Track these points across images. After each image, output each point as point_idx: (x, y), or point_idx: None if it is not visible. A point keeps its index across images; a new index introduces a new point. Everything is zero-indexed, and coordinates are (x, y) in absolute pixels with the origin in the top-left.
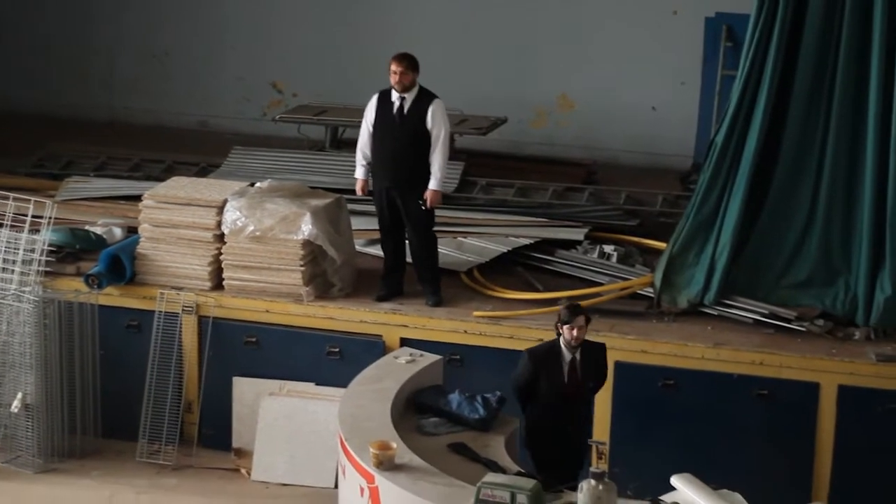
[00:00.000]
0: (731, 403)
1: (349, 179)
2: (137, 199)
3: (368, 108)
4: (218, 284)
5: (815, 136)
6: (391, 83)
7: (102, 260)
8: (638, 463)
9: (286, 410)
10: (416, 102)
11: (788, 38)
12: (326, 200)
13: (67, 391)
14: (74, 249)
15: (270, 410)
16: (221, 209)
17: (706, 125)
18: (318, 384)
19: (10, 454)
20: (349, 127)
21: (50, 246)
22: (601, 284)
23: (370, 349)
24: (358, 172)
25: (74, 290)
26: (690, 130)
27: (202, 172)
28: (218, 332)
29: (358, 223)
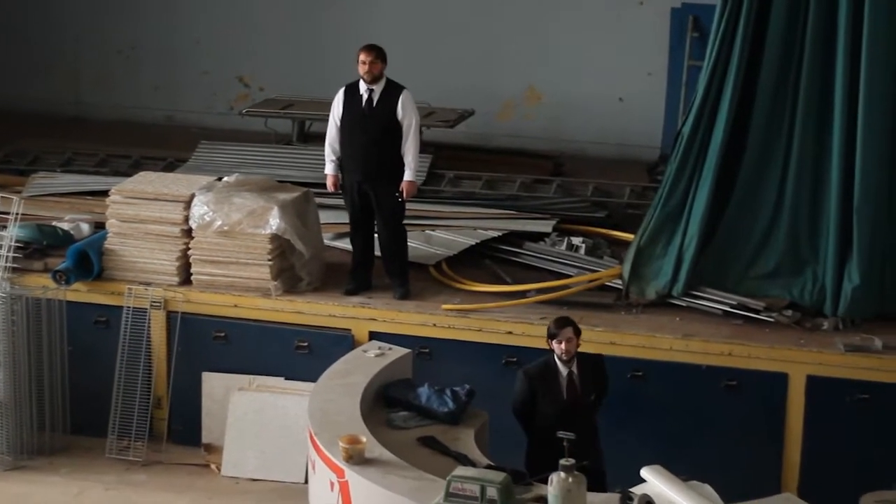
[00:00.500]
0: (700, 395)
1: (317, 173)
2: (104, 194)
3: (335, 102)
4: (186, 279)
5: (781, 126)
6: (360, 74)
7: (70, 256)
8: (607, 455)
9: (256, 405)
10: (384, 94)
11: (754, 28)
12: (294, 194)
13: (36, 388)
14: (42, 245)
15: (240, 405)
16: (189, 204)
17: (673, 116)
18: (287, 379)
19: None
20: (316, 121)
21: (17, 242)
22: (569, 276)
23: (339, 343)
24: (328, 168)
25: (42, 286)
26: (657, 121)
27: (169, 167)
28: (186, 327)
29: (326, 217)
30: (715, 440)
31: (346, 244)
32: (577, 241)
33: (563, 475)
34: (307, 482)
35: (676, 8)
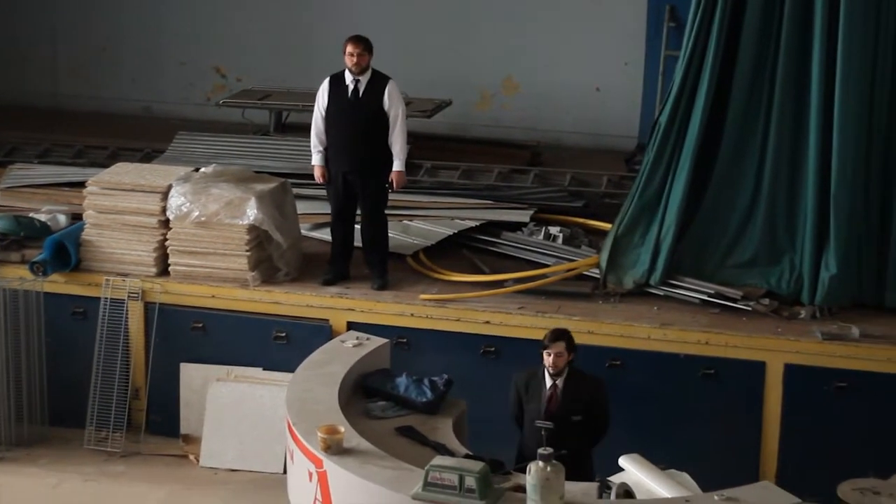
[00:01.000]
0: (677, 383)
1: (294, 163)
2: (82, 185)
3: (320, 92)
4: (164, 270)
5: (758, 115)
6: (347, 65)
7: (47, 247)
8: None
9: (234, 396)
10: (370, 84)
11: (731, 18)
12: (271, 185)
13: (14, 379)
14: (19, 237)
15: (218, 396)
16: (166, 195)
17: (650, 106)
18: (265, 369)
19: None
20: (293, 111)
21: None
22: (547, 266)
23: (317, 333)
24: (315, 159)
25: (19, 277)
26: (634, 111)
27: (146, 158)
28: (164, 318)
29: (303, 207)
30: (693, 429)
31: (323, 234)
32: (554, 230)
33: (541, 464)
34: (286, 472)
35: None
